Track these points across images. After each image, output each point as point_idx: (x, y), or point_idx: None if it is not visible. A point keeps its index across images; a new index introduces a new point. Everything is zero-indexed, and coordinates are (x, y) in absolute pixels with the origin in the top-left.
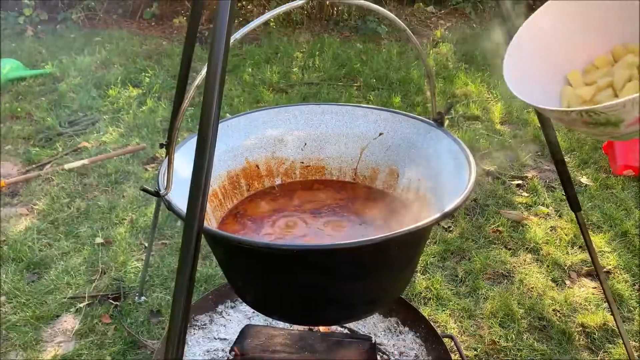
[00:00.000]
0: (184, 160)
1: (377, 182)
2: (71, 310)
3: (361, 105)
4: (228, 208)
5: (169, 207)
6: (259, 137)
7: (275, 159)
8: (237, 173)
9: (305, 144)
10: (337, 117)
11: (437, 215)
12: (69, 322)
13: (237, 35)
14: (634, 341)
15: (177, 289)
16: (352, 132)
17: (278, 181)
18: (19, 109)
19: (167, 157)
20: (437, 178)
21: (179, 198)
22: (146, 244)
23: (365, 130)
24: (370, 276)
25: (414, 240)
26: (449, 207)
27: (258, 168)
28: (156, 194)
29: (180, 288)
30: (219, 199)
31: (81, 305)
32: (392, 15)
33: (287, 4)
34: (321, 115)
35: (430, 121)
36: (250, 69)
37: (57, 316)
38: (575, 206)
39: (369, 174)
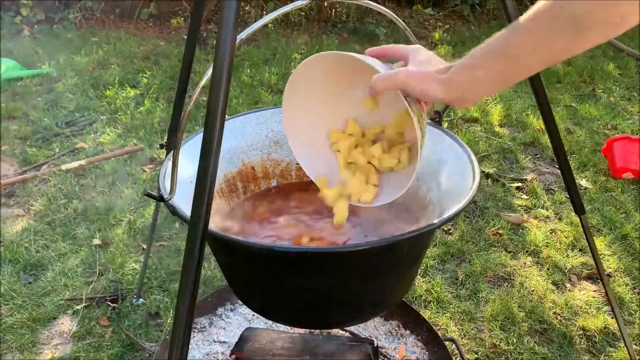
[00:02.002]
0: (181, 160)
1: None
2: (68, 312)
3: None
4: (225, 211)
5: (174, 212)
6: (254, 139)
7: (271, 160)
8: (233, 175)
9: None
10: None
11: (448, 215)
12: (66, 324)
13: (242, 35)
14: (635, 344)
15: (181, 294)
16: None
17: (274, 183)
18: (15, 109)
19: (171, 160)
20: (437, 178)
21: (180, 201)
22: (144, 246)
23: None
24: (379, 277)
25: (422, 240)
26: (454, 209)
27: (254, 170)
28: (161, 198)
29: (184, 293)
30: (215, 202)
31: (78, 307)
32: (392, 14)
33: (289, 4)
34: None
35: (428, 120)
36: (248, 70)
37: (54, 318)
38: (579, 209)
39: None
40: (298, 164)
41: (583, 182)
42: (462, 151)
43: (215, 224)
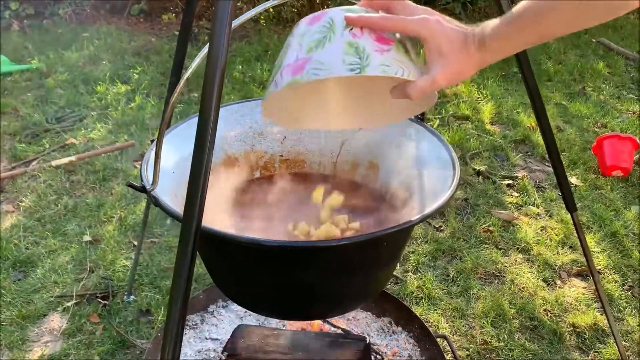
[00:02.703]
0: (164, 151)
1: (357, 176)
2: (58, 309)
3: None
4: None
5: (156, 203)
6: (239, 130)
7: (255, 152)
8: (216, 166)
9: (285, 137)
10: None
11: (426, 212)
12: (56, 321)
13: (237, 21)
14: (625, 341)
15: (174, 291)
16: None
17: (257, 174)
18: (4, 105)
19: (154, 151)
20: (418, 173)
21: (164, 192)
22: (135, 242)
23: None
24: (359, 270)
25: (401, 236)
26: (432, 207)
27: (237, 161)
28: (143, 189)
29: (177, 290)
30: None
31: (69, 304)
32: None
33: None
34: None
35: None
36: (240, 66)
37: (44, 315)
38: (571, 206)
39: (348, 167)
40: (282, 155)
41: (573, 180)
42: (444, 148)
43: None
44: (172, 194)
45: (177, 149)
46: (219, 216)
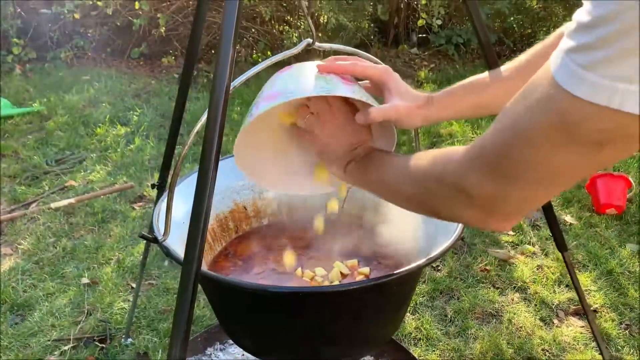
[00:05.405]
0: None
1: (364, 220)
2: (55, 353)
3: None
4: (217, 250)
5: (168, 253)
6: (246, 179)
7: (262, 199)
8: (225, 215)
9: None
10: None
11: (432, 256)
12: None
13: (235, 83)
14: None
15: (174, 336)
16: None
17: (265, 222)
18: (5, 147)
19: (165, 202)
20: (424, 218)
21: (174, 243)
22: (133, 285)
23: None
24: (367, 315)
25: (411, 279)
26: (436, 251)
27: (246, 209)
28: (155, 240)
29: (177, 333)
30: (208, 242)
31: (66, 347)
32: (376, 60)
33: (283, 52)
34: None
35: None
36: (238, 108)
37: None
38: (561, 246)
39: (355, 212)
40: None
41: (568, 218)
42: None
43: (207, 263)
44: (183, 244)
45: (186, 199)
46: (226, 263)
